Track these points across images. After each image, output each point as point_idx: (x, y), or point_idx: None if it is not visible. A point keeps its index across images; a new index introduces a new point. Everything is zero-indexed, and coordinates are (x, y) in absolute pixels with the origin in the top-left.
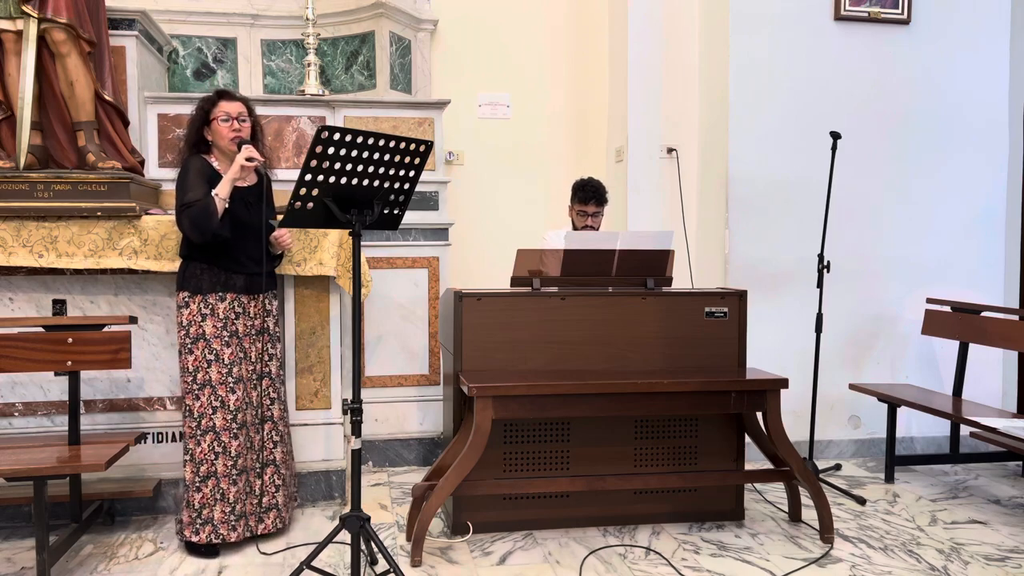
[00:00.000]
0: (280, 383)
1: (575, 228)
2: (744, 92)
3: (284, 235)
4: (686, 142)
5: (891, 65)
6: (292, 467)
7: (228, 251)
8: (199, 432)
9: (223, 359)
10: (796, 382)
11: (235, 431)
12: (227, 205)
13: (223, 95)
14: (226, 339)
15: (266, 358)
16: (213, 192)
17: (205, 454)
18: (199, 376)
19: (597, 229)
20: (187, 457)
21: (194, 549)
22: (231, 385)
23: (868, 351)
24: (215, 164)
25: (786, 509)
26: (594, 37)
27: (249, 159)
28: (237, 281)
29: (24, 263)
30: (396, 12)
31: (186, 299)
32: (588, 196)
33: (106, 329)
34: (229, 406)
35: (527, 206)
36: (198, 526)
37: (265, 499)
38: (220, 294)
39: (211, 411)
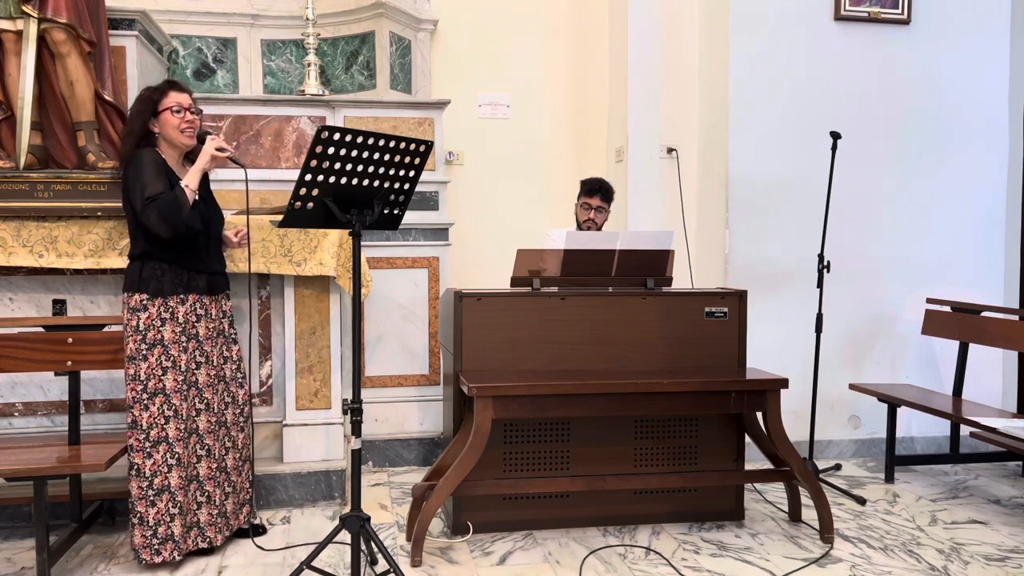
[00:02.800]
0: (237, 386)
1: (579, 223)
2: (744, 92)
3: (243, 232)
4: (686, 142)
5: (891, 65)
6: (245, 472)
7: (192, 249)
8: (148, 444)
9: (179, 366)
10: (796, 382)
11: (186, 440)
12: (196, 197)
13: (172, 84)
14: (183, 344)
15: (222, 361)
16: (183, 183)
17: (158, 466)
18: (151, 384)
19: (600, 226)
20: (132, 472)
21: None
22: (184, 393)
23: (868, 351)
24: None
25: (786, 509)
26: (594, 37)
27: (220, 149)
28: (200, 281)
29: (24, 263)
30: (396, 12)
31: (144, 302)
32: (593, 189)
33: (106, 329)
34: (182, 415)
35: (527, 206)
36: (156, 545)
37: (222, 507)
38: (181, 296)
39: (163, 421)
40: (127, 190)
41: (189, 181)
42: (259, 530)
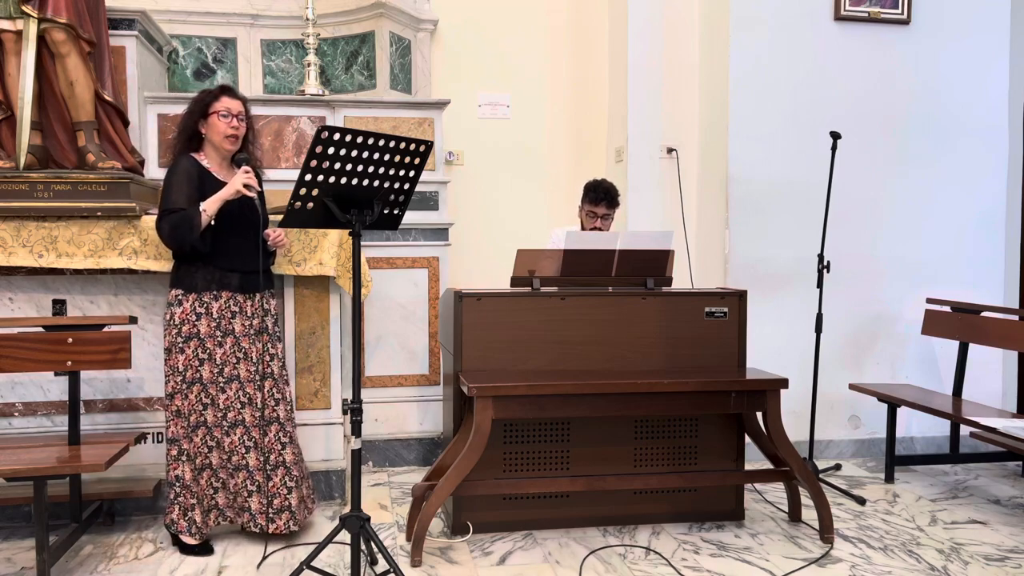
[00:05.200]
0: (284, 383)
1: (583, 229)
2: (744, 92)
3: (280, 236)
4: (686, 142)
5: (891, 65)
6: (304, 468)
7: (223, 249)
8: (190, 429)
9: (215, 358)
10: (796, 382)
11: (227, 428)
12: (212, 224)
13: (225, 90)
14: (219, 339)
15: (267, 358)
16: (201, 207)
17: (199, 448)
18: (188, 375)
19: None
20: (180, 456)
21: (188, 549)
22: (221, 384)
23: (868, 351)
24: (205, 163)
25: (786, 509)
26: (594, 37)
27: (247, 186)
28: (232, 280)
29: (24, 263)
30: (396, 12)
31: (179, 297)
32: (599, 197)
33: (106, 329)
34: (219, 404)
35: (527, 206)
36: (195, 524)
37: (276, 501)
38: (215, 292)
39: (201, 408)
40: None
41: (208, 207)
42: None
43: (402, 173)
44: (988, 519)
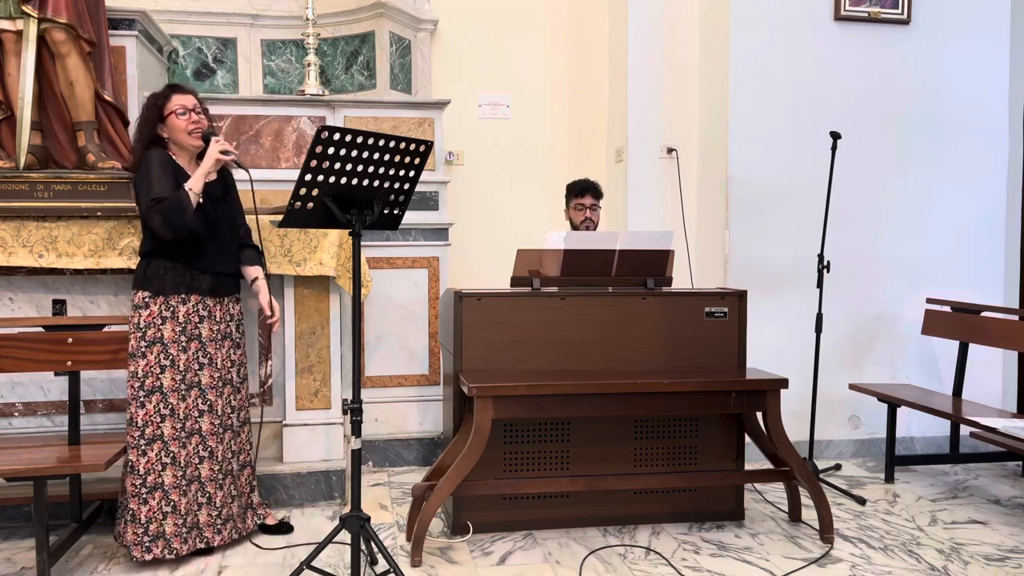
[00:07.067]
0: (241, 390)
1: (574, 226)
2: (744, 92)
3: (275, 319)
4: (686, 142)
5: (891, 65)
6: (252, 476)
7: (196, 248)
8: (143, 442)
9: (178, 365)
10: (796, 382)
11: (183, 440)
12: (200, 200)
13: (175, 88)
14: (183, 344)
15: (228, 364)
16: (187, 186)
17: (152, 464)
18: (148, 382)
19: (596, 224)
20: (126, 469)
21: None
22: (182, 392)
23: (868, 351)
24: (175, 159)
25: (786, 509)
26: (594, 37)
27: (224, 152)
28: (203, 282)
29: (24, 263)
30: (396, 12)
31: (146, 299)
32: (584, 188)
33: (106, 329)
34: (179, 414)
35: (527, 206)
36: (147, 543)
37: (224, 511)
38: (183, 296)
39: (158, 419)
40: (136, 190)
41: (193, 184)
42: (286, 528)
43: (402, 173)
44: (988, 519)
